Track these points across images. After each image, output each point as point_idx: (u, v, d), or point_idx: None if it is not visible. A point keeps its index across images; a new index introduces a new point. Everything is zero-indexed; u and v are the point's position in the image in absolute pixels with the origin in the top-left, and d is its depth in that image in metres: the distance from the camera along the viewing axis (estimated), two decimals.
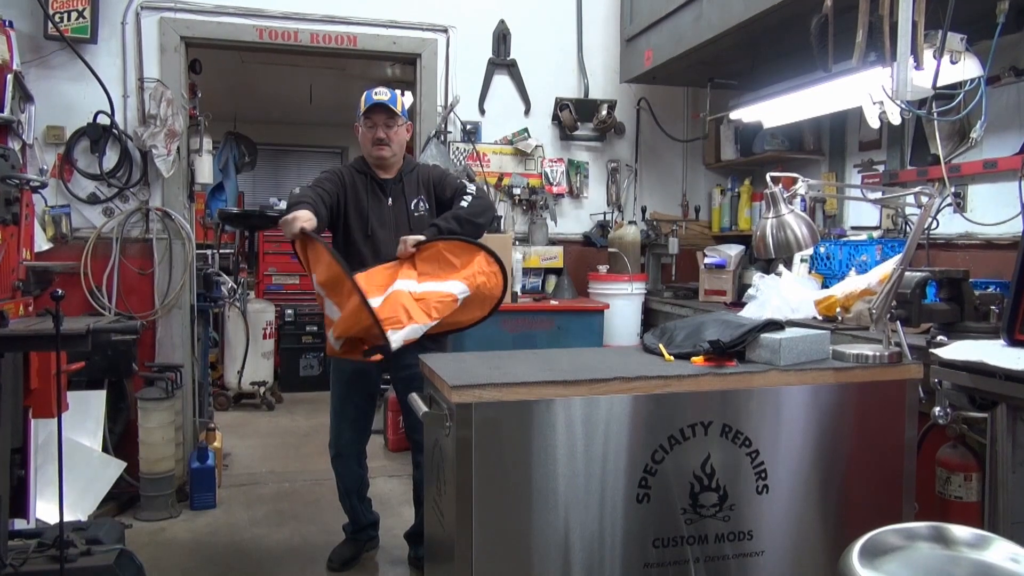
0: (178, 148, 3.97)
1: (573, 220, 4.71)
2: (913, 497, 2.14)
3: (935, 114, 2.78)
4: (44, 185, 2.67)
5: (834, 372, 2.07)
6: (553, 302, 4.16)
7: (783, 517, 2.03)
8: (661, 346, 2.20)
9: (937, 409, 1.85)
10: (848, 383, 2.08)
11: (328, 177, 3.04)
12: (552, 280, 4.46)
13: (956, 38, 2.49)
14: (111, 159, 3.93)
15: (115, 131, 3.90)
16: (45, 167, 3.82)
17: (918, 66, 2.37)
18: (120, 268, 3.97)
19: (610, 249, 4.44)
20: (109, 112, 3.87)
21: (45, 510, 3.06)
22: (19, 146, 3.60)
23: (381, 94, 3.00)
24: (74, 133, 3.89)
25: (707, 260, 4.25)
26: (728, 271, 4.15)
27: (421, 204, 3.09)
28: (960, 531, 1.41)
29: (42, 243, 3.81)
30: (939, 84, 2.47)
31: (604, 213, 4.71)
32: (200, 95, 4.42)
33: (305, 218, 2.61)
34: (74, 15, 3.76)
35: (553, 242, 4.56)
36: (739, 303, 3.76)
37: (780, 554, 2.03)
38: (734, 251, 4.17)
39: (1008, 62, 2.92)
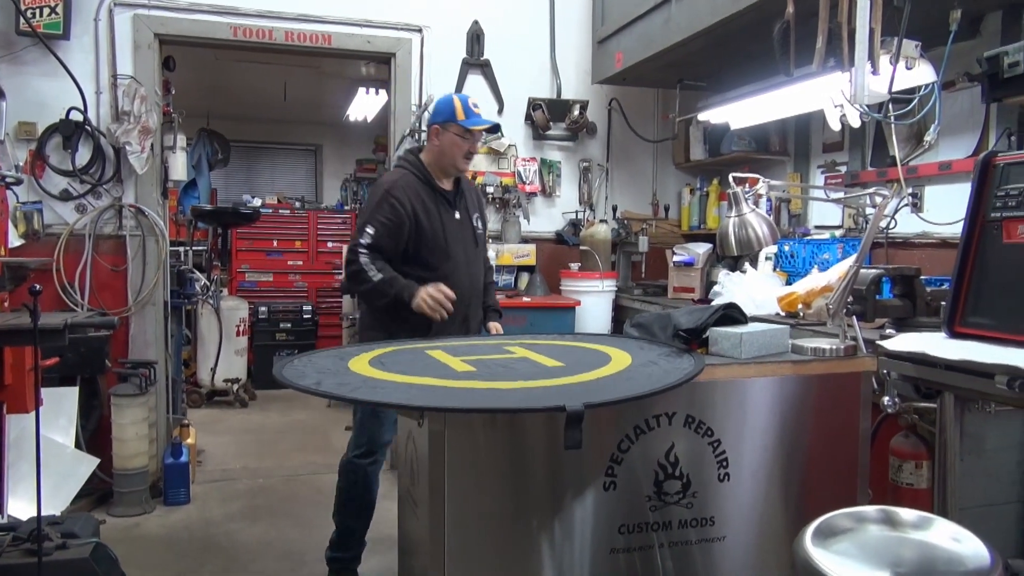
0: (151, 145, 3.96)
1: (546, 218, 4.78)
2: (867, 484, 2.23)
3: (892, 117, 2.88)
4: (19, 182, 2.67)
5: (792, 365, 2.16)
6: (526, 299, 4.23)
7: (744, 503, 2.11)
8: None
9: (886, 398, 1.94)
10: (806, 375, 2.16)
11: (386, 223, 2.70)
12: (525, 277, 4.53)
13: (911, 44, 2.59)
14: (84, 156, 3.92)
15: (88, 127, 3.90)
16: (17, 163, 3.80)
17: (875, 71, 2.46)
18: (93, 264, 3.97)
19: (582, 247, 4.52)
20: (82, 108, 3.86)
21: (16, 507, 3.05)
22: None
23: (480, 109, 2.88)
24: (46, 129, 3.88)
25: (676, 258, 4.34)
26: (696, 269, 4.24)
27: (479, 221, 2.98)
28: (906, 514, 1.50)
29: (14, 239, 3.78)
30: (895, 89, 2.58)
31: (576, 212, 4.79)
32: (174, 92, 4.42)
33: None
34: (46, 11, 3.74)
35: (526, 240, 4.62)
36: (707, 300, 3.85)
37: (741, 539, 2.11)
38: (702, 249, 4.26)
39: (962, 68, 3.03)
